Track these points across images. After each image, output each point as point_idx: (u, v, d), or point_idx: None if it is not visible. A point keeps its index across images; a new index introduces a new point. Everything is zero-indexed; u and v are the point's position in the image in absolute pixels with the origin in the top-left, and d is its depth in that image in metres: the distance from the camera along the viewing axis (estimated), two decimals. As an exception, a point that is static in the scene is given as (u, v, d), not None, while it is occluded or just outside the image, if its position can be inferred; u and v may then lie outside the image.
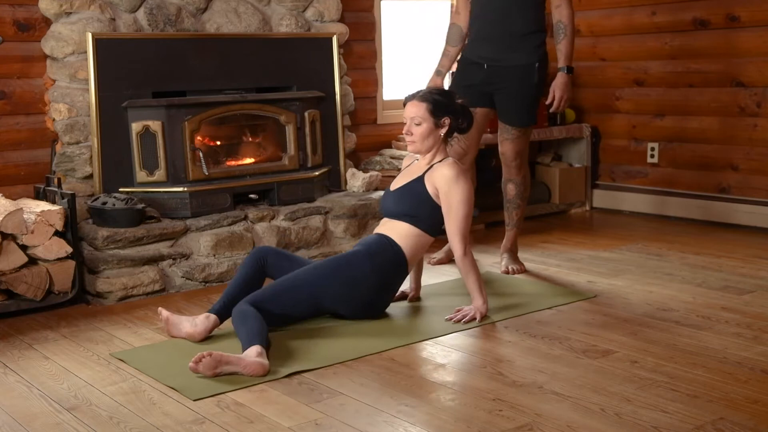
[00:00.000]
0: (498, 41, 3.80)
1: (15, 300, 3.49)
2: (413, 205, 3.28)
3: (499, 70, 3.81)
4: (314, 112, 4.52)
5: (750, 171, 4.90)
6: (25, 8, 3.93)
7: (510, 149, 3.93)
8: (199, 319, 3.10)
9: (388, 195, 3.41)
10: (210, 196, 4.08)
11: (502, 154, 3.98)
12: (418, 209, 3.27)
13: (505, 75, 3.81)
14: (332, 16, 4.73)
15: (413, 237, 3.27)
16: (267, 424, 2.39)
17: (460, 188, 3.22)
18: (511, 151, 3.93)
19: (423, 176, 3.29)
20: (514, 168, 3.97)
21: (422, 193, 3.27)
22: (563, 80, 3.79)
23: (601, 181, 5.69)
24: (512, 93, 3.81)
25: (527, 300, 3.53)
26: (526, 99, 3.86)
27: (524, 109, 3.87)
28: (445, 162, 3.29)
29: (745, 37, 4.82)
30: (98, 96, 3.92)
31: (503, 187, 4.05)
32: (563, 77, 3.79)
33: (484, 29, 3.84)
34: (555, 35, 3.81)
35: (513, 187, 4.01)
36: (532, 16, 3.79)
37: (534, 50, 3.81)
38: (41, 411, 2.53)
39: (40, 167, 4.04)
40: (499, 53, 3.81)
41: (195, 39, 4.22)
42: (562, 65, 3.80)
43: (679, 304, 3.44)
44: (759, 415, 2.37)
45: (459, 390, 2.61)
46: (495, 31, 3.80)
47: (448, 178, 3.22)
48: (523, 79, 3.81)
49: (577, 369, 2.75)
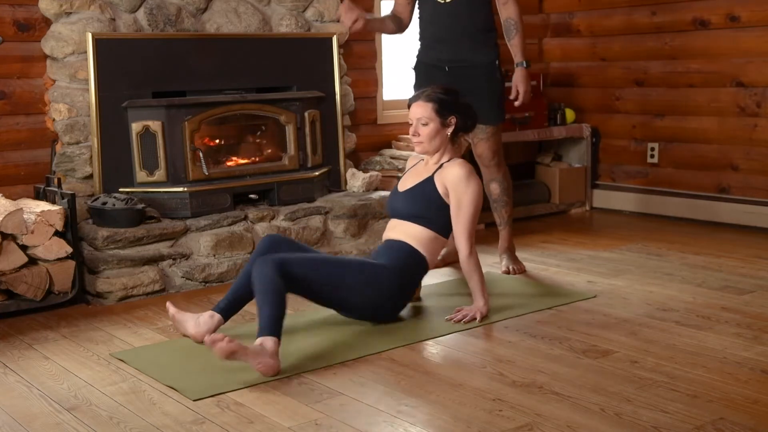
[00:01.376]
0: (456, 42, 3.84)
1: (15, 300, 3.49)
2: (425, 206, 3.27)
3: (462, 70, 3.84)
4: (314, 112, 4.52)
5: (750, 171, 4.90)
6: (25, 8, 3.93)
7: (486, 148, 3.93)
8: (203, 318, 3.08)
9: (397, 196, 3.39)
10: (210, 196, 4.08)
11: (478, 156, 3.98)
12: (430, 210, 3.26)
13: (468, 74, 3.82)
14: (332, 16, 4.73)
15: (431, 241, 3.26)
16: (267, 424, 2.39)
17: (470, 188, 3.23)
18: (488, 150, 3.93)
19: (433, 176, 3.28)
20: (494, 167, 3.98)
21: (433, 193, 3.27)
22: (523, 74, 3.84)
23: (601, 181, 5.69)
24: (480, 91, 3.79)
25: (527, 300, 3.53)
26: (494, 95, 3.89)
27: (494, 105, 3.89)
28: (455, 161, 3.29)
29: (745, 37, 4.82)
30: (98, 96, 3.93)
31: (486, 189, 4.01)
32: (522, 71, 3.84)
33: (439, 32, 3.87)
34: (506, 33, 3.86)
35: (497, 186, 4.02)
36: (484, 16, 3.84)
37: (492, 48, 3.87)
38: (41, 411, 2.53)
39: (40, 167, 4.04)
40: (459, 54, 3.84)
41: (195, 39, 4.22)
42: (519, 60, 3.85)
43: (679, 304, 3.44)
44: (759, 415, 2.37)
45: (459, 390, 2.61)
46: (451, 33, 3.84)
47: (459, 177, 3.23)
48: (488, 76, 3.86)
49: (577, 369, 2.75)
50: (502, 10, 3.84)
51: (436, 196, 3.26)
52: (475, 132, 3.85)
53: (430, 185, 3.28)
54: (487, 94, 3.84)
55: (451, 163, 3.29)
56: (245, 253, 4.03)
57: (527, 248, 4.45)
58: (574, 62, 5.72)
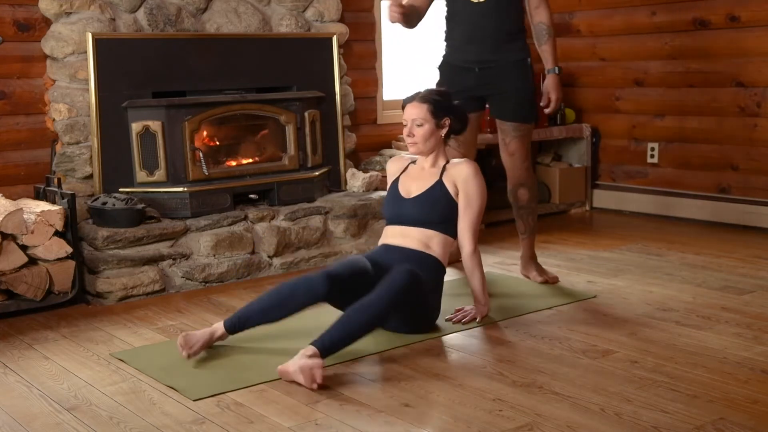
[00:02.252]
0: (486, 43, 3.71)
1: (15, 300, 3.49)
2: (440, 211, 3.22)
3: (493, 70, 3.73)
4: (314, 112, 4.52)
5: (750, 171, 4.90)
6: (25, 8, 3.93)
7: (517, 149, 3.78)
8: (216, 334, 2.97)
9: (403, 203, 3.28)
10: (210, 196, 4.08)
11: (510, 156, 3.80)
12: (446, 215, 3.22)
13: (499, 74, 3.73)
14: (332, 16, 4.73)
15: (446, 245, 3.25)
16: (267, 424, 2.39)
17: (478, 185, 3.23)
18: (520, 151, 3.78)
19: (441, 179, 3.24)
20: (525, 170, 3.82)
21: (446, 196, 3.22)
22: (555, 80, 3.74)
23: (601, 181, 5.69)
24: (510, 90, 3.73)
25: (527, 300, 3.53)
26: (526, 94, 3.77)
27: (525, 103, 3.77)
28: (459, 160, 3.30)
29: (745, 37, 4.82)
30: (98, 96, 3.92)
31: (513, 194, 3.86)
32: (554, 78, 3.74)
33: (468, 33, 3.76)
34: (537, 38, 3.76)
35: (525, 192, 3.84)
36: (515, 16, 3.75)
37: (523, 47, 3.77)
38: (41, 411, 2.53)
39: (40, 167, 4.04)
40: (489, 54, 3.72)
41: (195, 39, 4.22)
42: (551, 66, 3.74)
43: (679, 304, 3.44)
44: (759, 415, 2.37)
45: (459, 390, 2.61)
46: (481, 33, 3.71)
47: (468, 174, 3.22)
48: (519, 74, 3.75)
49: (577, 369, 2.75)
50: (534, 15, 3.74)
51: (449, 198, 3.23)
52: (506, 132, 3.77)
53: (441, 189, 3.23)
54: (519, 92, 3.75)
55: (455, 162, 3.29)
56: (245, 253, 4.03)
57: (527, 248, 4.45)
58: (574, 62, 5.72)
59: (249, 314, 2.95)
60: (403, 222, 3.26)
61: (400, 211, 3.27)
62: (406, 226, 3.25)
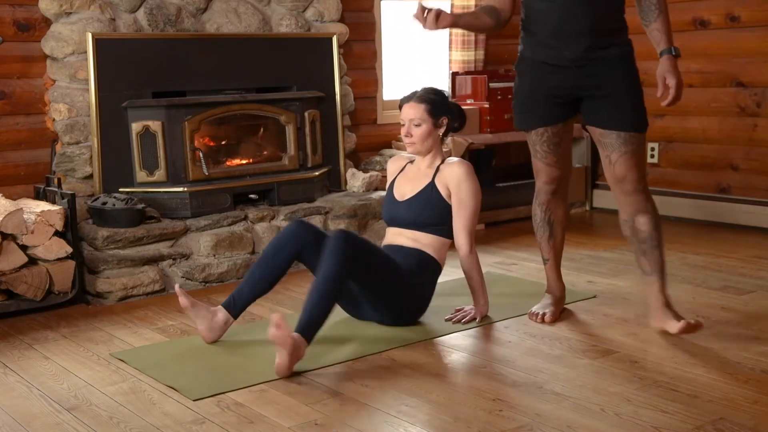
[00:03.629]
0: (585, 37, 2.99)
1: (15, 300, 3.49)
2: (432, 213, 3.24)
3: (594, 68, 3.02)
4: (314, 112, 4.52)
5: (750, 171, 4.90)
6: (25, 8, 3.93)
7: (631, 166, 2.99)
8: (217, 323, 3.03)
9: (397, 205, 3.31)
10: (210, 196, 4.08)
11: (618, 179, 3.03)
12: (439, 217, 3.24)
13: (602, 72, 3.02)
14: (332, 16, 4.73)
15: (442, 247, 3.28)
16: (267, 424, 2.39)
17: (470, 185, 3.23)
18: (634, 169, 3.00)
19: (434, 181, 3.26)
20: (640, 192, 3.03)
21: (438, 199, 3.24)
22: (672, 63, 2.92)
23: (601, 181, 5.68)
24: (617, 91, 3.02)
25: (527, 300, 3.53)
26: (636, 95, 3.05)
27: (636, 107, 3.04)
28: (452, 161, 3.29)
29: (745, 37, 4.82)
30: (98, 96, 3.93)
31: (629, 226, 3.09)
32: (671, 60, 2.93)
33: (563, 27, 3.01)
34: (644, 15, 3.03)
35: (646, 221, 3.04)
36: (617, 5, 3.08)
37: (626, 42, 3.12)
38: (41, 411, 2.53)
39: (40, 167, 4.04)
40: (589, 51, 3.00)
41: (195, 39, 4.22)
42: (665, 47, 2.96)
43: (679, 304, 3.43)
44: (759, 415, 2.37)
45: (459, 390, 2.61)
46: (578, 26, 2.99)
47: (460, 175, 3.23)
48: (626, 72, 3.06)
49: (577, 369, 2.75)
50: None
51: (441, 201, 3.24)
52: (611, 145, 3.02)
53: (433, 191, 3.25)
54: (625, 94, 3.03)
55: (448, 163, 3.29)
56: (245, 253, 4.03)
57: (527, 248, 4.45)
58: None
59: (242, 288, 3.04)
60: (396, 224, 3.32)
61: (395, 215, 3.33)
62: (401, 227, 3.31)
